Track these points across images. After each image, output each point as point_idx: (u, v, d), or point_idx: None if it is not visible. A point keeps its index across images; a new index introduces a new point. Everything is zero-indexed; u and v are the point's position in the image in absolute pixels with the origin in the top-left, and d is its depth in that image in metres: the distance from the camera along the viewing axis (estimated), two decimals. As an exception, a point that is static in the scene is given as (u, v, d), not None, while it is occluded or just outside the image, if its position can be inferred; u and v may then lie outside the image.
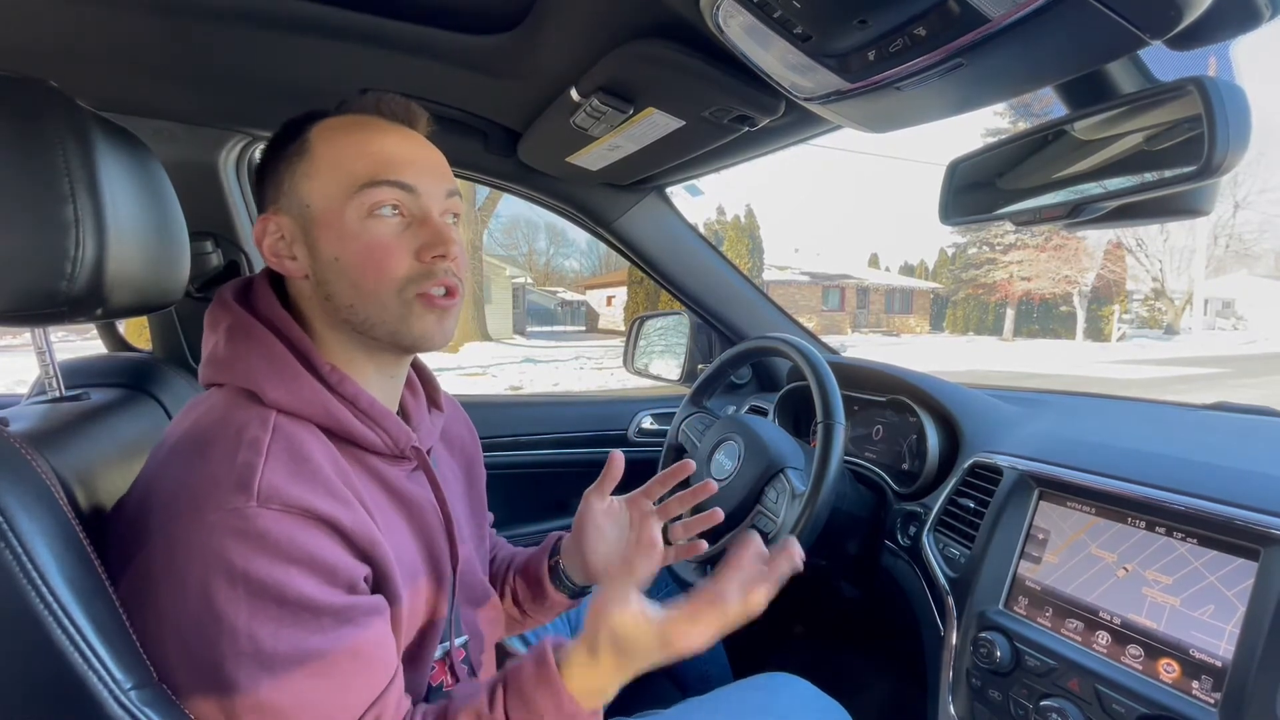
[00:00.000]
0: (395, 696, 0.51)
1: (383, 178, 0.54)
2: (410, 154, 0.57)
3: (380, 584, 0.53)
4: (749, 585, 0.54)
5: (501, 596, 0.82)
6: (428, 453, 0.65)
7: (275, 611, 0.44)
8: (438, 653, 0.61)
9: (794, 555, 0.57)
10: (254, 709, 0.44)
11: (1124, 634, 0.60)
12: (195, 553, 0.44)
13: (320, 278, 0.55)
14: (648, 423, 1.47)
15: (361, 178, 0.54)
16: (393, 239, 0.55)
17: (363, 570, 0.50)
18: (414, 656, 0.59)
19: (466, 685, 0.57)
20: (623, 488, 0.75)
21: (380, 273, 0.54)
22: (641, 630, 0.52)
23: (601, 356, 12.44)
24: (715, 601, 0.53)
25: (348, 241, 0.54)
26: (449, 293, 0.57)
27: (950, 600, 0.77)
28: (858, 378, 1.13)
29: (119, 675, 0.42)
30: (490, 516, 0.81)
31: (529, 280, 27.97)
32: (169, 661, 0.45)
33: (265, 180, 0.58)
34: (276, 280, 0.60)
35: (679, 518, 0.76)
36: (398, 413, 0.65)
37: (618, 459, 0.72)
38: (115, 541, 0.49)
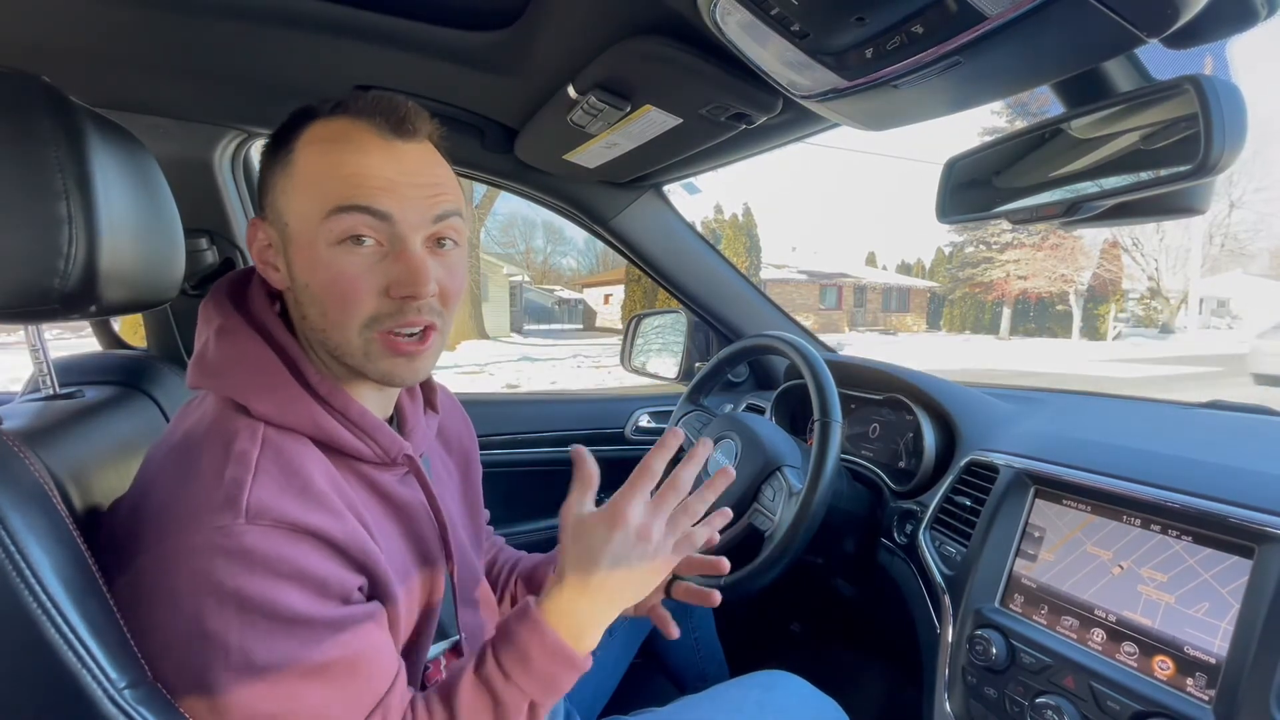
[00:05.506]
0: (398, 698, 0.51)
1: (353, 203, 0.50)
2: (392, 175, 0.51)
3: (375, 590, 0.52)
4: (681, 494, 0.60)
5: (501, 599, 0.82)
6: (421, 456, 0.64)
7: (266, 626, 0.44)
8: (433, 652, 0.61)
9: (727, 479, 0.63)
10: (248, 716, 0.43)
11: (1119, 631, 0.60)
12: (184, 573, 0.44)
13: (297, 297, 0.54)
14: (645, 420, 1.47)
15: (333, 201, 0.50)
16: (360, 273, 0.51)
17: (356, 580, 0.50)
18: (409, 655, 0.59)
19: (459, 662, 0.58)
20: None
21: (344, 308, 0.51)
22: (594, 519, 0.57)
23: (599, 354, 12.42)
24: (644, 473, 0.58)
25: (317, 269, 0.51)
26: (424, 333, 0.54)
27: (946, 598, 0.77)
28: (855, 376, 1.13)
29: (113, 674, 0.41)
30: (486, 514, 0.81)
31: (526, 278, 27.96)
32: (164, 672, 0.44)
33: (260, 183, 0.57)
34: None
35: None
36: (393, 417, 0.64)
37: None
38: (111, 543, 0.49)
